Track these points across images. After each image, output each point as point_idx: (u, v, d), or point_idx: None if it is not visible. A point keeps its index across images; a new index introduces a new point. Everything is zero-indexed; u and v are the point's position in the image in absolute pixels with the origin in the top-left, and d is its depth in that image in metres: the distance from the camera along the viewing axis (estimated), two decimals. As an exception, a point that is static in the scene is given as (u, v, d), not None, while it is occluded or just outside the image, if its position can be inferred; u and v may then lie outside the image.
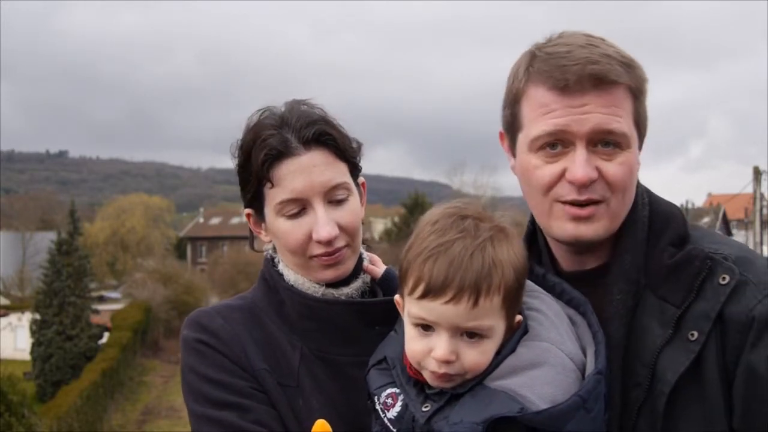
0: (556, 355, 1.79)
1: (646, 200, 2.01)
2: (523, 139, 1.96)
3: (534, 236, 2.12)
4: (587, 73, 1.84)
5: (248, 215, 2.26)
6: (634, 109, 1.91)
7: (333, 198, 2.12)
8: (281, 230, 2.13)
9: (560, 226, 1.93)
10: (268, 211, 2.15)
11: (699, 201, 73.97)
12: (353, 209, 2.16)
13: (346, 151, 2.15)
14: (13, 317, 46.48)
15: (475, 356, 1.80)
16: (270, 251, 2.27)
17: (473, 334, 1.80)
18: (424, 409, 1.81)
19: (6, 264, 57.68)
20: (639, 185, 2.02)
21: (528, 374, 1.75)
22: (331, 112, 2.18)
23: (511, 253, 1.83)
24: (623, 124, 1.88)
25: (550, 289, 1.98)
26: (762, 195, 34.50)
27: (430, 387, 1.84)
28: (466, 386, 1.79)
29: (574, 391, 1.75)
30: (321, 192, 2.09)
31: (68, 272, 40.03)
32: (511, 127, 2.00)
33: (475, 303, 1.77)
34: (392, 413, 1.86)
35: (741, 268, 1.84)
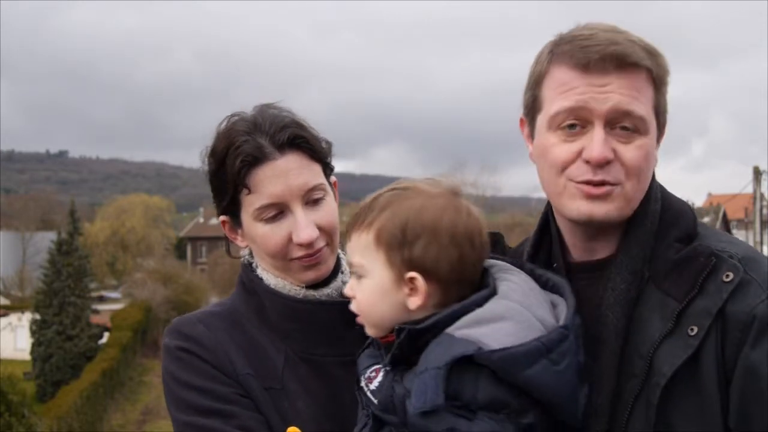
0: (522, 314, 1.80)
1: (658, 195, 2.03)
2: (542, 118, 1.98)
3: (547, 228, 2.14)
4: (609, 53, 1.87)
5: (224, 222, 2.25)
6: (655, 97, 1.93)
7: (310, 199, 2.13)
8: (260, 235, 2.13)
9: (573, 204, 1.94)
10: (245, 216, 2.15)
11: (699, 201, 73.99)
12: (331, 209, 2.18)
13: (318, 152, 2.17)
14: (13, 317, 46.47)
15: (359, 294, 1.93)
16: (246, 257, 2.28)
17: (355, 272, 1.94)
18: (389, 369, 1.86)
19: (6, 264, 57.67)
20: (654, 180, 2.03)
21: (492, 326, 1.76)
22: (300, 114, 2.20)
23: (414, 208, 1.87)
24: (642, 108, 1.89)
25: (536, 278, 2.00)
26: (762, 195, 34.49)
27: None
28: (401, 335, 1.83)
29: None
30: (299, 195, 2.11)
31: (68, 272, 40.05)
32: (532, 109, 2.02)
33: (350, 237, 1.93)
34: (374, 384, 1.89)
35: (746, 267, 1.84)
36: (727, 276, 1.83)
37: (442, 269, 1.86)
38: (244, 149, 2.08)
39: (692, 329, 1.82)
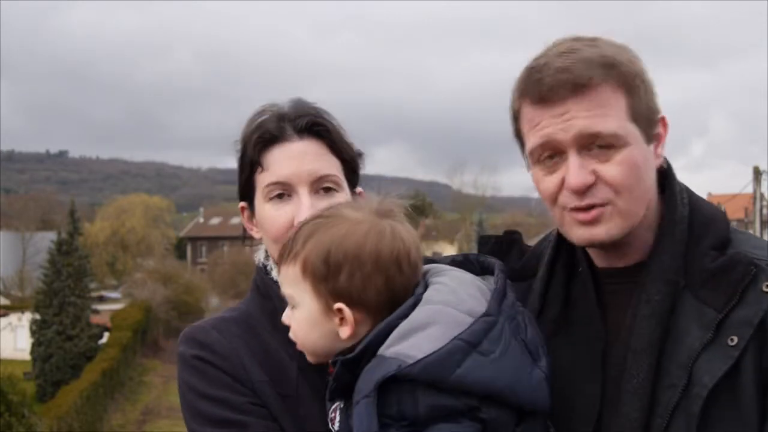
0: (448, 314, 1.77)
1: (685, 200, 2.00)
2: (526, 153, 1.98)
3: None
4: (558, 82, 1.84)
5: (242, 208, 2.26)
6: (628, 104, 1.88)
7: (320, 187, 2.12)
8: (267, 216, 2.13)
9: (573, 232, 1.94)
10: (258, 198, 2.16)
11: (699, 201, 73.75)
12: (339, 203, 2.15)
13: (339, 146, 2.16)
14: (13, 317, 46.48)
15: (293, 324, 1.94)
16: (262, 259, 2.27)
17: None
18: (336, 405, 1.87)
19: (6, 264, 57.68)
20: (678, 183, 2.01)
21: (418, 335, 1.74)
22: (332, 113, 2.20)
23: (336, 236, 1.86)
24: (610, 123, 1.85)
25: (479, 266, 2.01)
26: (762, 195, 34.49)
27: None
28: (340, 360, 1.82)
29: None
30: (307, 180, 2.10)
31: (68, 272, 40.04)
32: (519, 142, 2.03)
33: (279, 269, 1.97)
34: (336, 425, 1.88)
35: None
36: (767, 286, 1.81)
37: (369, 297, 1.84)
38: (264, 127, 2.13)
39: (732, 339, 1.80)
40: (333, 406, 1.90)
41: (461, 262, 2.03)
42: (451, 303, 1.81)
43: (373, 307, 1.85)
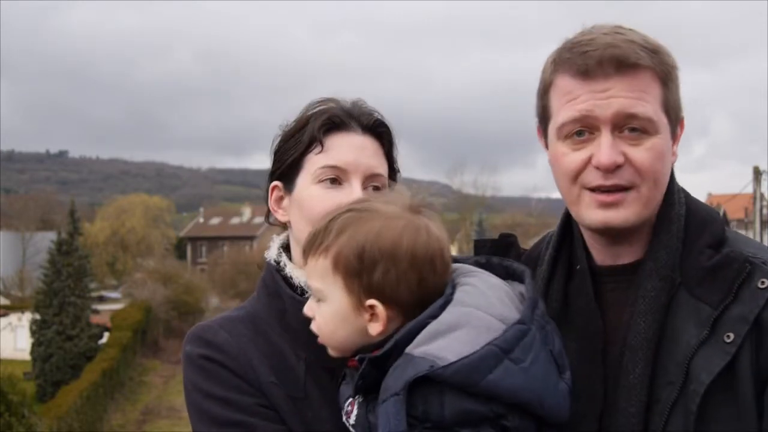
0: (479, 318, 1.76)
1: (683, 199, 2.01)
2: (552, 128, 1.98)
3: (569, 228, 2.12)
4: (608, 57, 1.85)
5: (273, 188, 2.22)
6: (663, 95, 1.91)
7: (370, 184, 2.13)
8: (312, 196, 2.10)
9: (589, 213, 1.93)
10: (304, 177, 2.13)
11: (699, 201, 73.73)
12: None
13: (392, 150, 2.21)
14: (13, 317, 46.45)
15: (318, 318, 1.92)
16: (274, 256, 2.23)
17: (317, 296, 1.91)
18: (360, 400, 1.85)
19: (6, 264, 57.67)
20: (676, 183, 2.02)
21: (448, 337, 1.73)
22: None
23: (372, 232, 1.83)
24: (648, 108, 1.87)
25: (504, 270, 1.99)
26: (762, 195, 34.46)
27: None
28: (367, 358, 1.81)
29: None
30: (363, 173, 2.11)
31: (68, 272, 40.03)
32: (543, 118, 2.03)
33: (306, 260, 1.93)
34: (352, 419, 1.86)
35: None
36: (762, 283, 1.82)
37: (402, 295, 1.83)
38: (333, 112, 2.14)
39: (728, 336, 1.80)
40: (349, 399, 1.89)
41: (484, 264, 2.01)
42: (482, 306, 1.79)
43: (404, 304, 1.84)
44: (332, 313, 1.88)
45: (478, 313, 1.77)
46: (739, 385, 1.79)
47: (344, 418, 1.89)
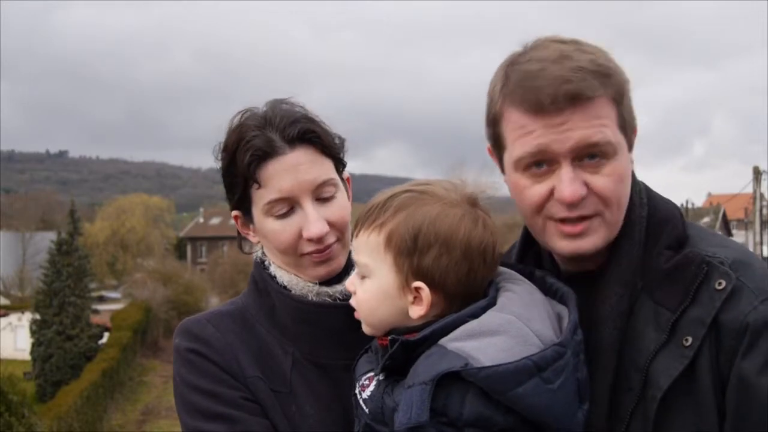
0: (518, 328, 1.75)
1: (644, 199, 1.98)
2: (508, 158, 1.93)
3: (531, 237, 2.08)
4: (562, 94, 1.80)
5: (236, 217, 2.24)
6: (618, 115, 1.87)
7: (321, 195, 2.11)
8: (270, 230, 2.11)
9: (557, 243, 1.91)
10: (256, 211, 2.14)
11: (699, 201, 74.00)
12: (341, 205, 2.15)
13: (330, 147, 2.14)
14: (13, 317, 46.48)
15: (360, 293, 1.92)
16: (259, 254, 2.25)
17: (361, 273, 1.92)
18: (381, 378, 1.85)
19: (6, 264, 57.67)
20: (637, 183, 1.99)
21: (485, 340, 1.72)
22: (312, 110, 2.17)
23: (430, 215, 1.83)
24: (607, 133, 1.83)
25: (546, 287, 1.96)
26: (762, 195, 34.47)
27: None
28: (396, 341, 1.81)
29: None
30: (309, 190, 2.09)
31: (68, 272, 40.04)
32: (495, 145, 1.99)
33: (357, 234, 1.92)
34: (366, 393, 1.87)
35: (737, 273, 1.81)
36: (720, 284, 1.80)
37: (449, 282, 1.82)
38: (254, 143, 2.06)
39: (687, 340, 1.79)
40: (369, 374, 1.89)
41: (526, 273, 1.99)
42: (524, 318, 1.78)
43: (449, 292, 1.83)
44: (376, 290, 1.88)
45: (518, 323, 1.76)
46: (699, 389, 1.77)
47: (357, 389, 1.90)
